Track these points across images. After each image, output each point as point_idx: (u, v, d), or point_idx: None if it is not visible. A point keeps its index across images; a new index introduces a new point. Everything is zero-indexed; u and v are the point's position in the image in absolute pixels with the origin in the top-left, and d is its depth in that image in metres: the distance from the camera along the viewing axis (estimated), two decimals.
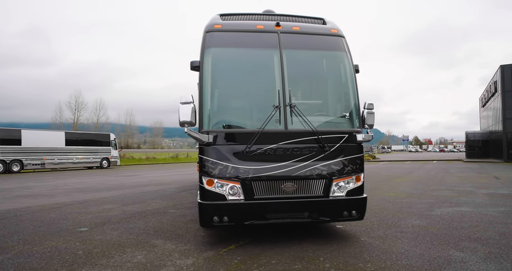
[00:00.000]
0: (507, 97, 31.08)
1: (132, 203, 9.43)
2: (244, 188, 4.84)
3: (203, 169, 4.90)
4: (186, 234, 5.79)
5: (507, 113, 30.99)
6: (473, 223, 6.30)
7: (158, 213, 7.82)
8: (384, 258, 4.39)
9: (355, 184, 5.23)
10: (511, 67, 31.02)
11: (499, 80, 31.95)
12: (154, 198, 10.54)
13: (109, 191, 12.69)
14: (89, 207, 8.82)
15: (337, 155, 5.12)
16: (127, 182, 16.72)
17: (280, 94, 5.05)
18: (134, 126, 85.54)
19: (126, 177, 20.33)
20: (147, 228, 6.29)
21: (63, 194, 11.93)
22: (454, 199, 9.30)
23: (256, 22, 5.58)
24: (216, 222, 4.77)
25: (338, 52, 5.60)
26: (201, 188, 4.95)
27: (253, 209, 4.85)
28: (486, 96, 40.10)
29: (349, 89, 5.49)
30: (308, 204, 4.98)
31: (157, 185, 14.84)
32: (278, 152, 4.96)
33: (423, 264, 4.15)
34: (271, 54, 5.36)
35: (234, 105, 5.44)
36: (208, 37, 5.33)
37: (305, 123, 5.01)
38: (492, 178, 16.09)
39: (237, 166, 4.85)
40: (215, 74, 5.22)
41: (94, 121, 60.02)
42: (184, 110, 4.66)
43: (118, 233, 5.93)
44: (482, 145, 41.21)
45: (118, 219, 7.23)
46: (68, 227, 6.46)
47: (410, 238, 5.37)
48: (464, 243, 5.02)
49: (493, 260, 4.27)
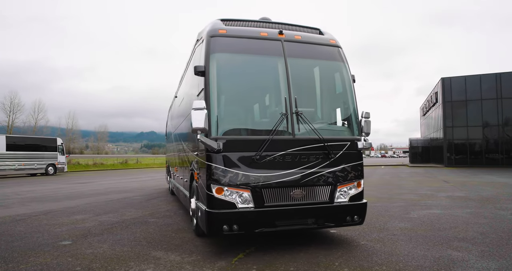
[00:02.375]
0: (447, 107, 34.00)
1: (104, 213, 8.86)
2: (255, 195, 4.79)
3: (212, 176, 4.76)
4: (184, 244, 5.56)
5: (447, 122, 33.88)
6: (451, 225, 6.78)
7: (139, 223, 7.43)
8: (394, 260, 4.58)
9: (357, 189, 5.41)
10: (450, 79, 34.04)
11: (440, 92, 34.87)
12: (124, 206, 9.99)
13: (70, 200, 11.80)
14: (58, 218, 8.13)
15: (341, 162, 5.26)
16: (84, 189, 15.67)
17: (287, 102, 5.09)
18: (77, 131, 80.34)
19: (80, 184, 19.03)
20: (137, 239, 5.95)
21: (19, 204, 10.87)
22: (422, 202, 9.94)
23: (259, 29, 5.57)
24: (226, 231, 4.65)
25: (338, 62, 5.78)
26: (208, 196, 4.79)
27: (263, 216, 4.80)
28: (427, 106, 43.47)
29: (349, 98, 5.68)
30: (315, 210, 5.05)
31: (119, 192, 14.08)
32: (286, 159, 4.98)
33: (432, 265, 4.38)
34: (276, 62, 5.38)
35: (241, 112, 5.37)
36: (212, 42, 5.22)
37: (311, 131, 5.09)
38: (442, 181, 17.43)
39: (247, 174, 4.78)
40: (221, 80, 5.12)
41: (32, 125, 55.26)
42: (197, 116, 4.50)
43: (109, 246, 5.54)
44: (424, 151, 44.58)
45: (99, 230, 6.75)
46: (47, 241, 5.90)
47: (405, 240, 5.65)
48: (455, 243, 5.39)
49: (489, 258, 4.64)
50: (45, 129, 58.02)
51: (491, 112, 32.40)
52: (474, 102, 32.69)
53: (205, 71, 5.05)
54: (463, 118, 33.40)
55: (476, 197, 11.02)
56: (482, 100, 32.51)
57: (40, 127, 56.53)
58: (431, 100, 39.89)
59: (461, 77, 33.50)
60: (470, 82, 32.87)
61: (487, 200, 10.17)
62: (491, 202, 9.75)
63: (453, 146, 34.00)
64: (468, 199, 10.58)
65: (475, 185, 15.01)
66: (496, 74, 32.25)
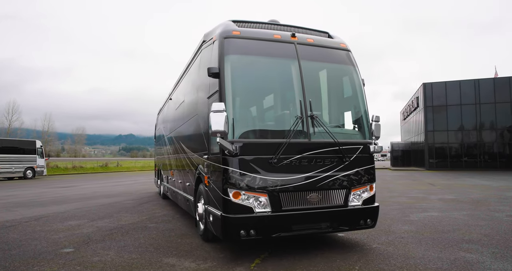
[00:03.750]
0: (428, 111, 34.94)
1: (98, 218, 8.56)
2: (272, 199, 4.71)
3: (229, 180, 4.65)
4: (194, 250, 5.41)
5: (429, 126, 34.79)
6: (454, 227, 6.90)
7: (139, 228, 7.20)
8: (412, 263, 4.59)
9: (369, 193, 5.42)
10: (431, 85, 35.02)
11: (421, 96, 35.82)
12: (118, 211, 9.69)
13: (58, 204, 11.36)
14: (51, 224, 7.79)
15: (355, 165, 5.26)
16: (68, 194, 15.16)
17: (302, 105, 5.05)
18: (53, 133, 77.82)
19: (63, 188, 18.40)
20: (143, 245, 5.75)
21: (4, 209, 10.37)
22: (417, 205, 10.10)
23: (272, 32, 5.53)
24: (243, 236, 4.55)
25: (349, 66, 5.79)
26: (225, 201, 4.67)
27: (280, 221, 4.73)
28: (407, 110, 44.56)
29: (360, 102, 5.70)
30: (330, 214, 5.02)
31: (108, 197, 13.69)
32: (303, 163, 4.93)
33: (451, 267, 4.42)
34: (290, 65, 5.34)
35: (256, 115, 5.28)
36: (226, 43, 5.13)
37: (325, 134, 5.07)
38: (428, 184, 17.83)
39: (265, 177, 4.70)
40: (236, 82, 5.03)
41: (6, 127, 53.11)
42: (216, 119, 4.38)
43: (115, 253, 5.32)
44: (405, 154, 45.61)
45: (99, 236, 6.49)
46: (47, 249, 5.61)
47: (414, 242, 5.69)
48: (464, 245, 5.47)
49: (502, 259, 4.72)
50: (20, 131, 55.91)
51: (470, 117, 33.51)
52: (454, 107, 33.74)
53: (219, 73, 4.95)
54: (444, 123, 34.40)
55: (467, 199, 11.30)
56: (462, 105, 33.58)
57: (14, 129, 54.46)
58: (412, 105, 40.90)
59: (442, 82, 34.53)
60: (450, 88, 33.93)
61: (478, 202, 10.44)
62: (483, 204, 10.01)
63: (434, 150, 34.93)
64: (460, 201, 10.84)
65: (462, 188, 15.42)
66: (474, 80, 33.43)
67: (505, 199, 11.32)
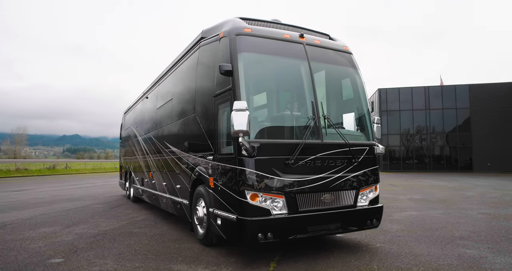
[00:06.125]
0: (382, 116, 36.81)
1: (73, 224, 7.90)
2: (289, 201, 4.63)
3: (246, 182, 4.49)
4: (199, 256, 5.15)
5: (383, 130, 36.64)
6: (439, 225, 7.25)
7: (124, 234, 6.74)
8: (424, 260, 4.73)
9: (374, 193, 5.53)
10: (386, 90, 36.99)
11: (376, 101, 37.69)
12: (91, 216, 9.03)
13: (18, 210, 10.33)
14: (21, 232, 7.03)
15: (362, 166, 5.34)
16: (24, 198, 13.88)
17: (314, 106, 5.03)
18: None
19: (15, 192, 16.81)
20: (141, 252, 5.38)
21: None
22: (393, 205, 10.52)
23: (282, 31, 5.46)
24: (260, 239, 4.41)
25: (353, 68, 5.88)
26: (242, 203, 4.50)
27: (296, 222, 4.65)
28: None
29: (363, 104, 5.80)
30: (341, 214, 5.04)
31: (71, 201, 12.73)
32: (316, 164, 4.91)
33: (461, 263, 4.61)
34: (299, 65, 5.30)
35: (270, 115, 5.16)
36: (239, 40, 4.98)
37: (334, 136, 5.10)
38: (389, 185, 18.71)
39: (282, 179, 4.61)
40: (251, 81, 4.89)
41: None
42: (238, 118, 4.21)
43: (114, 261, 4.91)
44: None
45: (84, 244, 5.97)
46: (32, 260, 5.04)
47: (413, 241, 5.89)
48: (459, 242, 5.76)
49: (501, 254, 5.02)
50: None
51: (421, 122, 35.84)
52: (406, 112, 35.86)
53: (233, 71, 4.77)
54: (397, 127, 36.45)
55: (434, 199, 11.99)
56: (413, 111, 35.81)
57: None
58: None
59: (396, 88, 36.61)
60: (403, 94, 36.06)
61: (446, 202, 11.12)
62: (451, 203, 10.67)
63: (388, 153, 36.86)
64: (429, 201, 11.47)
65: (423, 188, 16.37)
66: (425, 87, 35.83)
67: (467, 198, 12.18)
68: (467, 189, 15.49)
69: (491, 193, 13.63)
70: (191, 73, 6.60)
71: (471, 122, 34.68)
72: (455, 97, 34.97)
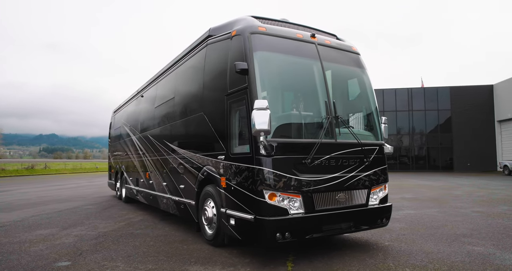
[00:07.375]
0: None
1: (70, 226, 7.66)
2: (306, 200, 4.63)
3: (264, 181, 4.45)
4: (213, 257, 5.07)
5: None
6: (438, 223, 7.41)
7: (127, 235, 6.59)
8: (436, 258, 4.81)
9: (384, 192, 5.60)
10: None
11: None
12: (86, 218, 8.78)
13: (6, 212, 9.93)
14: (17, 235, 6.76)
15: (373, 165, 5.40)
16: (9, 199, 13.40)
17: (328, 106, 5.05)
18: None
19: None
20: (151, 254, 5.26)
21: None
22: None
23: (295, 31, 5.47)
24: (279, 239, 4.39)
25: (362, 69, 5.94)
26: (260, 203, 4.46)
27: (313, 222, 4.65)
28: None
29: (372, 104, 5.87)
30: (355, 213, 5.08)
31: (60, 202, 12.37)
32: (331, 163, 4.93)
33: (474, 260, 4.72)
34: (312, 65, 5.31)
35: (285, 114, 5.13)
36: (254, 39, 4.94)
37: (347, 135, 5.14)
38: None
39: (299, 178, 4.60)
40: (267, 79, 4.88)
41: None
42: (259, 117, 4.17)
43: (125, 264, 4.78)
44: None
45: (88, 246, 5.80)
46: (37, 263, 4.85)
47: (419, 238, 5.99)
48: (464, 239, 5.89)
49: (507, 251, 5.16)
50: None
51: (404, 123, 36.62)
52: (390, 113, 36.53)
53: (248, 69, 4.73)
54: None
55: (425, 198, 12.26)
56: (397, 112, 36.55)
57: None
58: None
59: (380, 90, 37.21)
60: (387, 95, 36.71)
61: (438, 200, 11.39)
62: (442, 202, 10.94)
63: None
64: (422, 200, 11.72)
65: (412, 188, 16.72)
66: (408, 89, 36.63)
67: (456, 197, 12.51)
68: (454, 188, 15.92)
69: (477, 192, 14.05)
70: (197, 72, 6.50)
71: (452, 124, 35.68)
72: (437, 99, 35.91)
